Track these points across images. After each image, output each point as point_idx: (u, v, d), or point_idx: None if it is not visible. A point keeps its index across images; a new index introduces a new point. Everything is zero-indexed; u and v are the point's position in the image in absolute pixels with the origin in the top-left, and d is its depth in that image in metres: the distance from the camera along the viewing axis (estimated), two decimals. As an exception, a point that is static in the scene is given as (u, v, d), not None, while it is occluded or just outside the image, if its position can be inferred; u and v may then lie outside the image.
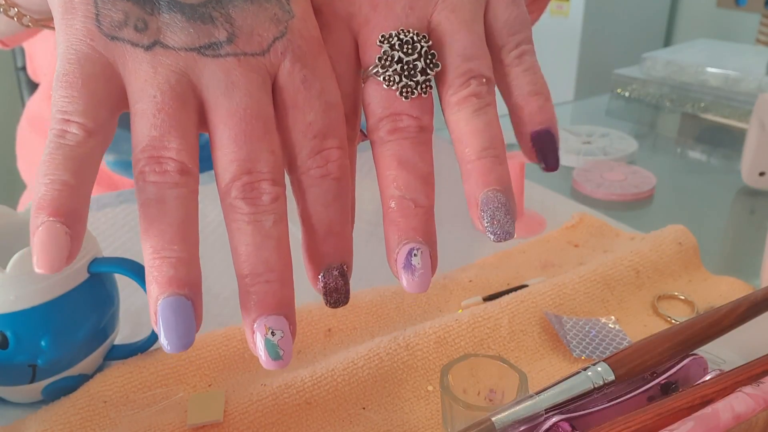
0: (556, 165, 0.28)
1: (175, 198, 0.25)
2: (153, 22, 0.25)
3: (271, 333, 0.25)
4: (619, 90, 1.04)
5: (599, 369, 0.31)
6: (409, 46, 0.27)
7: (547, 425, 0.29)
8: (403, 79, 0.27)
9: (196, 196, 0.25)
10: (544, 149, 0.28)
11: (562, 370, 0.41)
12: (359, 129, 0.30)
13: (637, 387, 0.31)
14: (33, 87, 0.94)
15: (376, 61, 0.27)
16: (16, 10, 0.40)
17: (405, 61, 0.27)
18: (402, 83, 0.27)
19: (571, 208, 0.63)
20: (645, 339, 0.33)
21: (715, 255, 0.57)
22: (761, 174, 0.68)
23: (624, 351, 0.32)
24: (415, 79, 0.27)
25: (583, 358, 0.41)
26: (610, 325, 0.44)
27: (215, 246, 0.54)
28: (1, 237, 0.40)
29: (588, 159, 0.75)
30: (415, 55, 0.27)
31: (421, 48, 0.27)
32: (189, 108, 0.25)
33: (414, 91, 0.27)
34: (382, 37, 0.27)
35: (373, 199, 0.30)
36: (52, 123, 0.24)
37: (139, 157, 0.25)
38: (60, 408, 0.37)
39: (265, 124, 0.26)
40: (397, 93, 0.27)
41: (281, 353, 0.25)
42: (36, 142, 0.77)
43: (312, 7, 0.28)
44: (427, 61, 0.27)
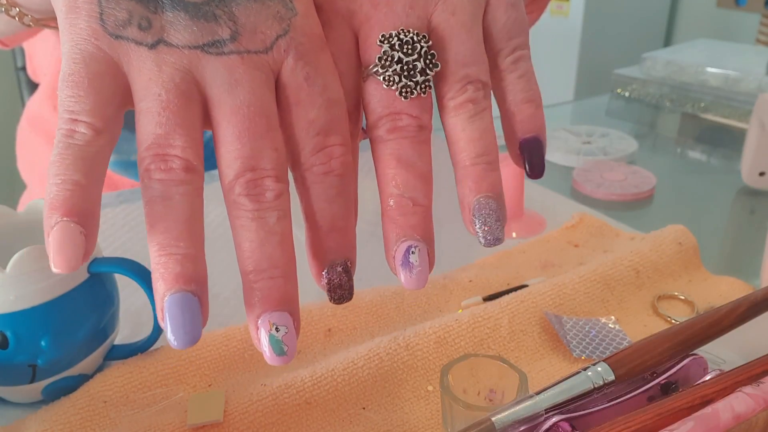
0: (540, 173, 0.29)
1: (181, 195, 0.25)
2: (157, 20, 0.25)
3: (275, 329, 0.25)
4: (619, 90, 1.04)
5: (599, 369, 0.31)
6: (409, 47, 0.27)
7: (547, 425, 0.29)
8: (403, 79, 0.27)
9: (201, 193, 0.26)
10: (531, 156, 0.29)
11: (562, 370, 0.41)
12: (361, 125, 0.30)
13: (637, 387, 0.31)
14: (33, 87, 0.94)
15: (376, 60, 0.27)
16: (18, 9, 0.40)
17: (405, 62, 0.27)
18: (401, 83, 0.27)
19: (571, 208, 0.63)
20: (645, 339, 0.33)
21: (715, 255, 0.57)
22: (761, 174, 0.68)
23: (624, 351, 0.32)
24: (414, 79, 0.27)
25: (583, 358, 0.41)
26: (610, 325, 0.44)
27: (215, 246, 0.54)
28: (1, 237, 0.40)
29: (588, 159, 0.75)
30: (415, 56, 0.27)
31: (421, 48, 0.27)
32: (193, 106, 0.25)
33: (413, 91, 0.27)
34: (382, 37, 0.27)
35: (374, 199, 0.30)
36: (60, 123, 0.24)
37: (144, 155, 0.25)
38: (60, 408, 0.37)
39: (268, 122, 0.26)
40: (397, 93, 0.27)
41: (285, 349, 0.25)
42: (36, 142, 0.77)
43: (313, 4, 0.28)
44: (427, 62, 0.27)
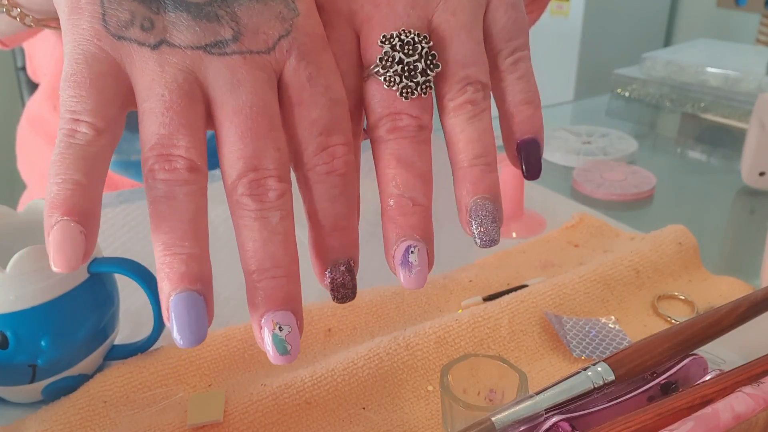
0: (537, 174, 0.29)
1: (185, 195, 0.25)
2: (159, 21, 0.25)
3: (279, 328, 0.25)
4: (619, 90, 1.04)
5: (599, 369, 0.31)
6: (410, 47, 0.27)
7: (547, 425, 0.29)
8: (404, 79, 0.27)
9: (205, 192, 0.26)
10: (528, 158, 0.29)
11: (562, 370, 0.41)
12: (363, 124, 0.30)
13: (637, 387, 0.31)
14: (33, 87, 0.94)
15: (377, 61, 0.27)
16: (19, 10, 0.40)
17: (406, 62, 0.27)
18: (402, 84, 0.27)
19: (571, 208, 0.63)
20: (645, 339, 0.33)
21: (715, 255, 0.57)
22: (761, 174, 0.68)
23: (624, 351, 0.32)
24: (415, 80, 0.27)
25: (583, 358, 0.41)
26: (610, 325, 0.44)
27: (216, 245, 0.53)
28: (1, 237, 0.40)
29: (588, 159, 0.75)
30: (416, 56, 0.27)
31: (422, 49, 0.27)
32: (196, 106, 0.25)
33: (414, 91, 0.27)
34: (383, 38, 0.27)
35: (374, 199, 0.30)
36: (62, 123, 0.24)
37: (148, 156, 0.25)
38: (60, 408, 0.37)
39: (270, 121, 0.26)
40: (398, 93, 0.27)
41: (289, 348, 0.25)
42: (36, 143, 0.77)
43: (315, 4, 0.28)
44: (428, 62, 0.27)
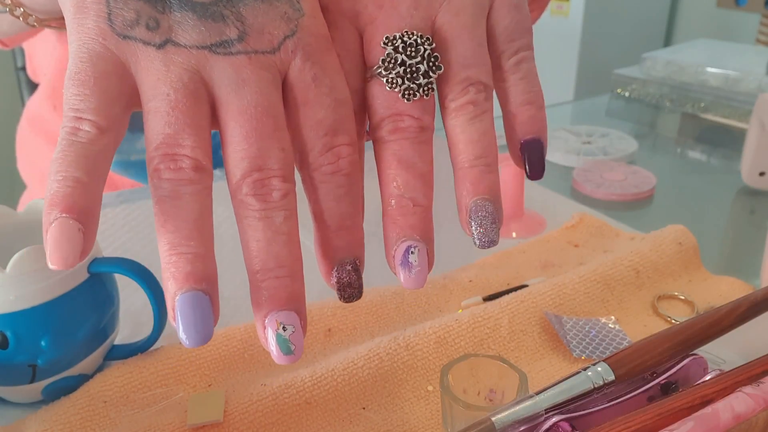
0: (540, 174, 0.29)
1: (190, 194, 0.25)
2: (164, 20, 0.25)
3: (283, 328, 0.25)
4: (619, 90, 1.04)
5: (599, 369, 0.31)
6: (413, 49, 0.27)
7: (547, 425, 0.29)
8: (406, 81, 0.27)
9: (210, 192, 0.26)
10: (531, 158, 0.29)
11: (562, 370, 0.41)
12: (366, 125, 0.30)
13: (637, 387, 0.31)
14: (33, 87, 0.94)
15: (380, 62, 0.27)
16: (22, 9, 0.40)
17: (408, 64, 0.27)
18: (404, 86, 0.27)
19: (571, 208, 0.63)
20: (645, 339, 0.33)
21: (715, 255, 0.57)
22: (761, 174, 0.68)
23: (624, 351, 0.32)
24: (417, 81, 0.27)
25: (583, 358, 0.41)
26: (610, 325, 0.44)
27: (216, 245, 0.54)
28: (1, 237, 0.40)
29: (588, 159, 0.75)
30: (418, 58, 0.27)
31: (425, 51, 0.27)
32: (202, 105, 0.25)
33: (416, 93, 0.27)
34: (386, 39, 0.27)
35: (374, 199, 0.30)
36: (65, 120, 0.24)
37: (153, 155, 0.25)
38: (60, 408, 0.37)
39: (275, 121, 0.26)
40: (400, 95, 0.27)
41: (293, 348, 0.25)
42: (36, 143, 0.77)
43: (319, 5, 0.28)
44: (430, 64, 0.27)
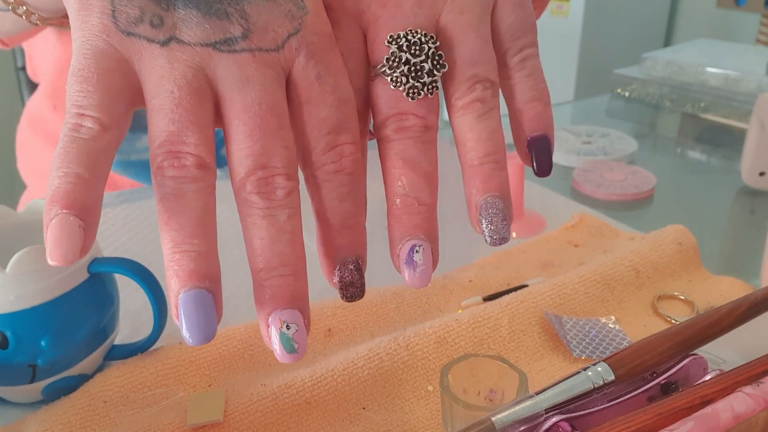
0: (548, 171, 0.29)
1: (194, 192, 0.25)
2: (169, 18, 0.25)
3: (286, 326, 0.25)
4: (619, 90, 1.04)
5: (599, 369, 0.31)
6: (417, 48, 0.27)
7: (547, 425, 0.29)
8: (410, 80, 0.27)
9: (213, 190, 0.26)
10: (539, 155, 0.29)
11: (562, 370, 0.41)
12: (369, 123, 0.30)
13: (637, 387, 0.31)
14: (33, 87, 0.94)
15: (384, 61, 0.27)
16: (25, 8, 0.40)
17: (412, 63, 0.27)
18: (409, 84, 0.27)
19: (571, 208, 0.63)
20: (645, 339, 0.33)
21: (715, 255, 0.57)
22: (761, 174, 0.68)
23: (624, 351, 0.32)
24: (422, 80, 0.27)
25: (583, 358, 0.41)
26: (610, 325, 0.44)
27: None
28: (1, 237, 0.40)
29: (588, 159, 0.75)
30: (423, 57, 0.27)
31: (429, 49, 0.27)
32: (205, 103, 0.25)
33: (420, 92, 0.27)
34: (390, 38, 0.27)
35: (373, 200, 0.30)
36: (67, 117, 0.24)
37: (157, 152, 0.25)
38: (60, 408, 0.37)
39: (279, 119, 0.26)
40: (404, 93, 0.27)
41: (296, 346, 0.25)
42: (36, 143, 0.77)
43: (323, 3, 0.28)
44: (434, 63, 0.27)
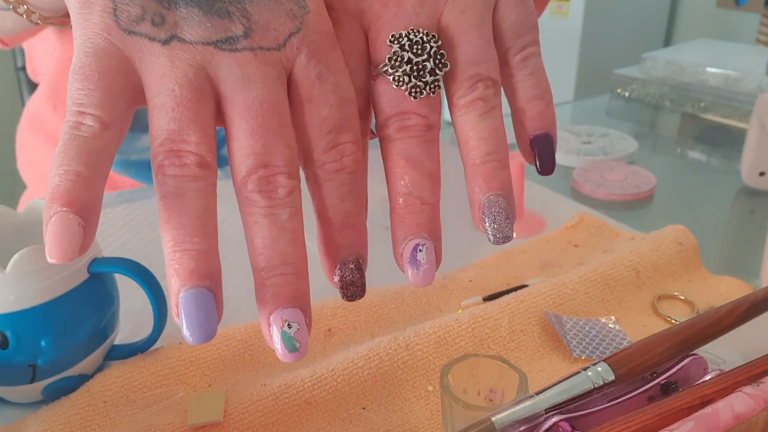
0: (551, 169, 0.29)
1: (195, 191, 0.25)
2: (170, 16, 0.25)
3: (288, 325, 0.25)
4: (619, 90, 1.04)
5: (599, 369, 0.31)
6: (419, 47, 0.27)
7: (547, 425, 0.29)
8: (413, 79, 0.27)
9: (214, 189, 0.26)
10: (542, 153, 0.29)
11: (562, 370, 0.41)
12: (371, 123, 0.30)
13: (637, 387, 0.31)
14: (33, 87, 0.94)
15: (386, 60, 0.27)
16: (26, 7, 0.40)
17: (414, 62, 0.27)
18: (411, 83, 0.27)
19: (571, 208, 0.63)
20: (645, 339, 0.33)
21: (715, 255, 0.57)
22: (761, 174, 0.68)
23: (624, 351, 0.32)
24: (424, 79, 0.27)
25: (583, 358, 0.41)
26: (610, 325, 0.44)
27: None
28: (1, 237, 0.40)
29: (588, 159, 0.75)
30: (425, 56, 0.27)
31: (431, 48, 0.27)
32: (207, 102, 0.25)
33: (423, 91, 0.27)
34: (392, 37, 0.27)
35: (373, 200, 0.30)
36: (68, 115, 0.24)
37: (158, 151, 0.25)
38: (60, 408, 0.37)
39: (280, 118, 0.26)
40: (406, 93, 0.27)
41: (297, 345, 0.25)
42: (36, 143, 0.77)
43: (324, 2, 0.28)
44: (437, 62, 0.27)
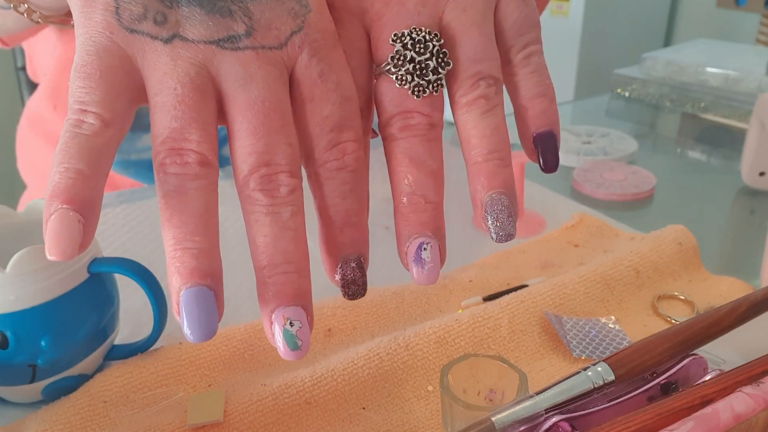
0: (555, 167, 0.29)
1: (196, 189, 0.25)
2: (172, 15, 0.25)
3: (290, 323, 0.25)
4: (619, 90, 1.04)
5: (599, 369, 0.31)
6: (422, 46, 0.27)
7: (547, 425, 0.29)
8: (415, 78, 0.27)
9: (216, 187, 0.26)
10: (545, 151, 0.29)
11: (562, 370, 0.41)
12: (372, 122, 0.30)
13: (637, 387, 0.31)
14: (33, 87, 0.94)
15: (389, 59, 0.27)
16: (26, 6, 0.40)
17: (417, 61, 0.27)
18: (414, 82, 0.27)
19: (571, 208, 0.63)
20: (645, 339, 0.33)
21: (715, 255, 0.57)
22: (761, 174, 0.68)
23: (624, 351, 0.32)
24: (426, 78, 0.27)
25: (583, 358, 0.41)
26: (610, 325, 0.44)
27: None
28: (1, 237, 0.40)
29: (588, 159, 0.75)
30: (427, 55, 0.27)
31: (433, 47, 0.27)
32: (208, 100, 0.25)
33: (426, 89, 0.27)
34: (394, 36, 0.27)
35: (373, 199, 0.30)
36: (69, 113, 0.24)
37: (159, 149, 0.25)
38: (60, 408, 0.37)
39: (282, 117, 0.26)
40: (409, 92, 0.27)
41: (299, 343, 0.25)
42: (36, 142, 0.77)
43: (326, 1, 0.28)
44: (439, 60, 0.27)
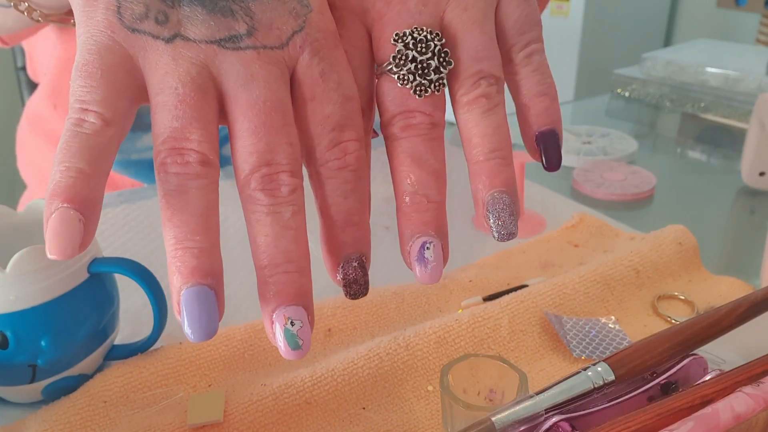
0: (557, 165, 0.29)
1: (197, 189, 0.25)
2: (174, 14, 0.25)
3: (291, 323, 0.25)
4: (619, 90, 1.04)
5: (599, 369, 0.31)
6: (423, 45, 0.27)
7: (547, 425, 0.29)
8: (417, 78, 0.27)
9: (216, 187, 0.26)
10: (548, 149, 0.29)
11: (562, 370, 0.41)
12: (373, 121, 0.30)
13: (637, 387, 0.31)
14: (33, 87, 0.94)
15: (390, 59, 0.28)
16: (27, 4, 0.40)
17: (419, 60, 0.27)
18: (416, 82, 0.27)
19: (571, 208, 0.63)
20: (645, 339, 0.33)
21: (715, 255, 0.57)
22: (761, 174, 0.68)
23: (624, 351, 0.32)
24: (428, 77, 0.27)
25: (583, 358, 0.41)
26: (610, 325, 0.44)
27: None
28: (1, 237, 0.40)
29: (588, 159, 0.75)
30: (429, 54, 0.27)
31: (435, 47, 0.27)
32: (210, 100, 0.25)
33: (427, 89, 0.27)
34: (396, 36, 0.27)
35: (373, 200, 0.30)
36: (70, 112, 0.25)
37: (160, 149, 0.25)
38: (60, 408, 0.37)
39: (283, 116, 0.26)
40: (411, 91, 0.27)
41: (300, 343, 0.25)
42: (36, 142, 0.77)
43: (327, 1, 0.28)
44: (441, 60, 0.27)
